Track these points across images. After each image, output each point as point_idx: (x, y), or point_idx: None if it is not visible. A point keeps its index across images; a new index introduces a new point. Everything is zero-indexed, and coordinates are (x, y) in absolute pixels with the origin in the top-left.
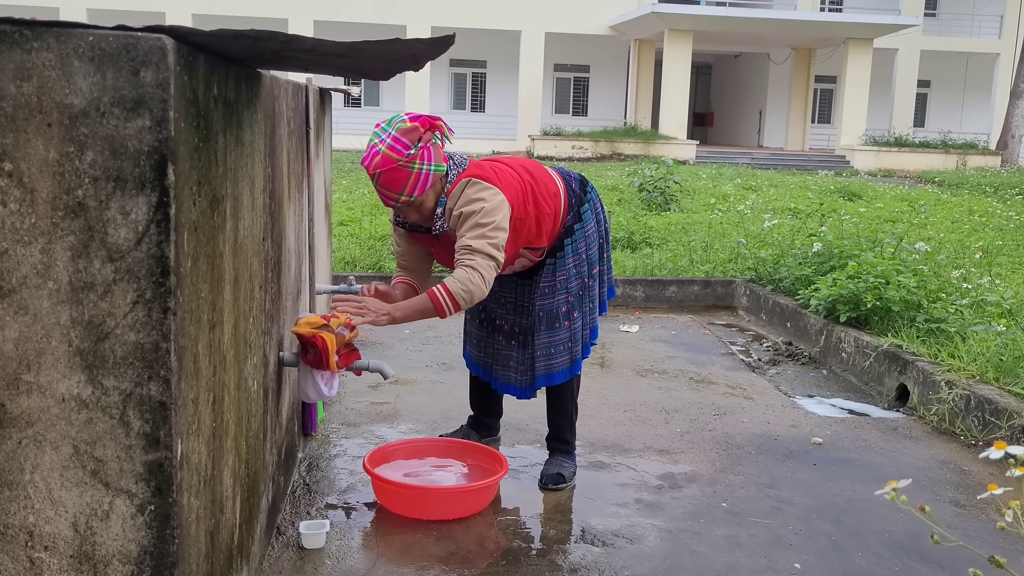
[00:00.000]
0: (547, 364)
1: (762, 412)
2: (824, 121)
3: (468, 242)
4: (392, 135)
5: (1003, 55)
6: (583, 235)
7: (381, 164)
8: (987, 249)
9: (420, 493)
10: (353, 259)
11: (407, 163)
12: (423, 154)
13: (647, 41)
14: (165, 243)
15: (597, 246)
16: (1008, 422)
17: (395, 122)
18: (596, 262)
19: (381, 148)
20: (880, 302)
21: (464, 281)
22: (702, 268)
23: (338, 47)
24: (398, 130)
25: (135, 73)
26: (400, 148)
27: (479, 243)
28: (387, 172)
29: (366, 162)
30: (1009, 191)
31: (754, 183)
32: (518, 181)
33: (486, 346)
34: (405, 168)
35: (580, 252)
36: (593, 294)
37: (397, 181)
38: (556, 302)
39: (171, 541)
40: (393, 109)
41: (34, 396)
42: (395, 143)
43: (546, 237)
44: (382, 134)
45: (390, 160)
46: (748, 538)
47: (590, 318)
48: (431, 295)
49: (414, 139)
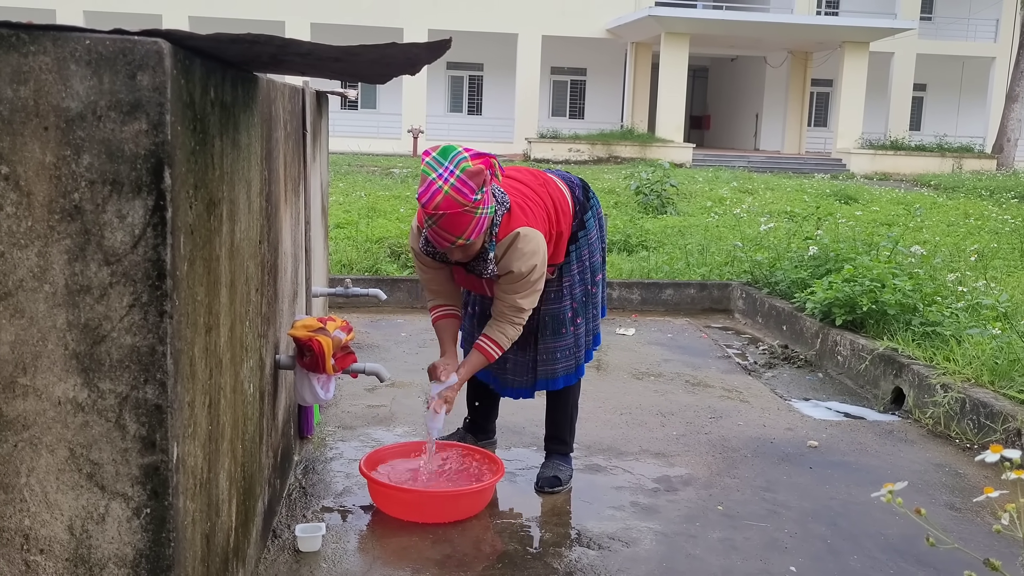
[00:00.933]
0: (551, 368)
1: (758, 415)
2: (820, 124)
3: (520, 303)
4: (458, 176)
5: (999, 59)
6: (586, 242)
7: (444, 206)
8: (982, 252)
9: (416, 496)
10: (350, 262)
11: (472, 208)
12: (485, 199)
13: (644, 44)
14: (161, 246)
15: (600, 253)
16: (1003, 425)
17: (457, 159)
18: (598, 269)
19: (444, 188)
20: (876, 305)
21: (511, 337)
22: (698, 271)
23: (335, 51)
24: (464, 171)
25: (132, 77)
26: (467, 192)
27: (528, 302)
28: (450, 215)
29: (425, 199)
30: (1005, 194)
31: (750, 186)
32: (544, 211)
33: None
34: (469, 213)
35: (584, 259)
36: (596, 300)
37: (458, 225)
38: (563, 307)
39: (167, 544)
40: (390, 112)
41: (30, 399)
42: (461, 185)
43: (561, 252)
44: (442, 171)
45: (455, 204)
46: (744, 541)
47: (593, 324)
48: (484, 353)
49: (479, 183)
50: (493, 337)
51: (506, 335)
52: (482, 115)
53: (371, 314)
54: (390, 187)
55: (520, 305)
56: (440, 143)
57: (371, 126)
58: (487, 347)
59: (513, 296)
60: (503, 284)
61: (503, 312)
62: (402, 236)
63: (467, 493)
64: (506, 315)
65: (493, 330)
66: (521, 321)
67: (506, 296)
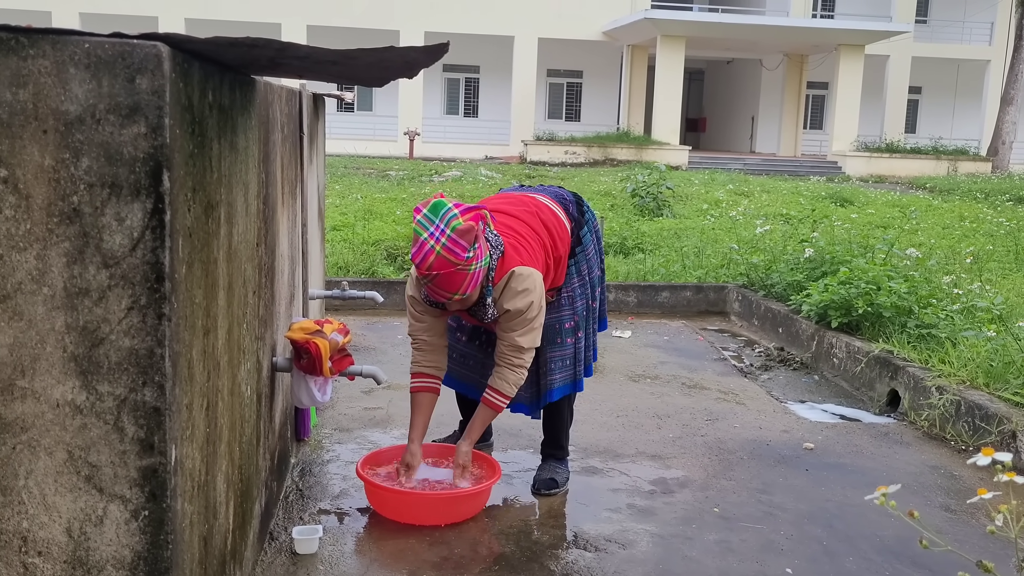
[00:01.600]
0: (547, 380)
1: (754, 417)
2: (816, 127)
3: (519, 342)
4: (449, 236)
5: (994, 61)
6: (584, 257)
7: (437, 266)
8: (978, 255)
9: (413, 498)
10: (346, 264)
11: (465, 266)
12: (479, 254)
13: (640, 47)
14: (160, 249)
15: (598, 268)
16: (998, 427)
17: (447, 217)
18: (597, 283)
19: (436, 248)
20: (871, 308)
21: (515, 383)
22: (695, 274)
23: (333, 55)
24: (454, 230)
25: (131, 80)
26: (459, 251)
27: (527, 340)
28: (444, 275)
29: (418, 260)
30: (1000, 197)
31: (746, 189)
32: (540, 243)
33: (477, 364)
34: (463, 271)
35: (583, 273)
36: (595, 315)
37: (453, 283)
38: (560, 317)
39: (165, 546)
40: (386, 114)
41: (28, 402)
42: (452, 245)
43: (562, 276)
44: (434, 230)
45: (447, 264)
46: (740, 543)
47: (592, 339)
48: (491, 406)
49: (471, 240)
50: (496, 388)
51: (508, 382)
52: (478, 117)
53: (368, 316)
54: (386, 189)
55: (519, 344)
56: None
57: (367, 128)
58: (493, 399)
59: (511, 335)
60: (502, 323)
61: (503, 354)
62: (399, 238)
63: (464, 495)
64: (506, 357)
65: (496, 380)
66: (522, 362)
67: (505, 335)
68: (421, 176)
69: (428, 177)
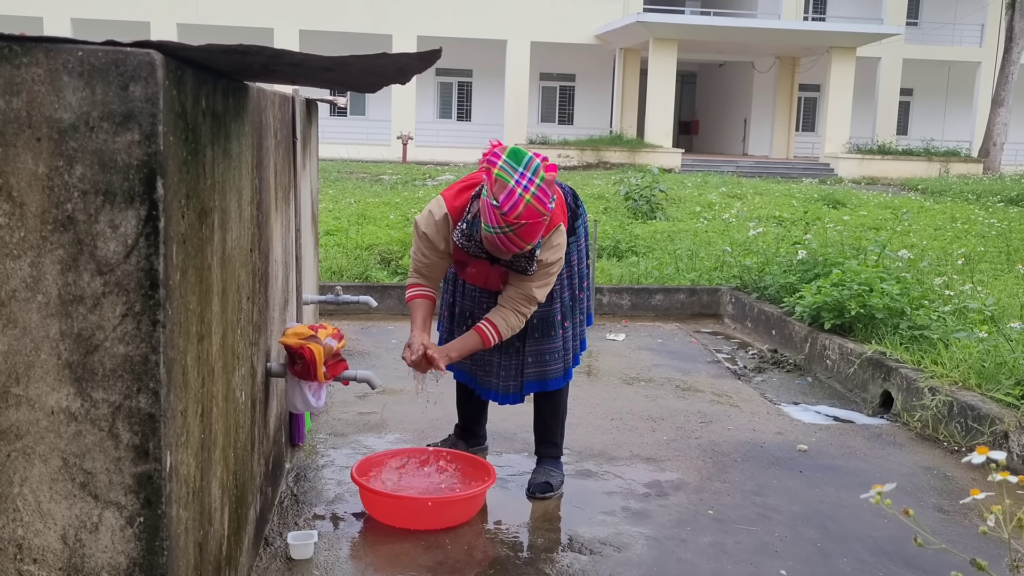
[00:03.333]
0: (540, 371)
1: (748, 419)
2: (808, 129)
3: (535, 293)
4: (538, 185)
5: (984, 63)
6: (576, 248)
7: (527, 215)
8: (969, 256)
9: (408, 503)
10: (340, 269)
11: (548, 216)
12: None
13: (632, 50)
14: (154, 256)
15: (586, 261)
16: (990, 428)
17: (534, 166)
18: (585, 276)
19: (527, 198)
20: (864, 309)
21: (514, 328)
22: (688, 276)
23: (326, 61)
24: (543, 180)
25: (124, 88)
26: (545, 201)
27: (541, 293)
28: (531, 225)
29: (508, 207)
30: (991, 198)
31: (739, 191)
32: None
33: (474, 356)
34: (544, 222)
35: (573, 264)
36: (583, 306)
37: (534, 233)
38: (552, 310)
39: (160, 553)
40: (379, 118)
41: (23, 409)
42: (542, 195)
43: None
44: (520, 178)
45: (536, 213)
46: (734, 545)
47: (580, 329)
48: (483, 335)
49: (553, 191)
50: (495, 322)
51: (508, 323)
52: (471, 121)
53: (361, 321)
54: (380, 194)
55: (533, 294)
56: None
57: (360, 132)
58: (486, 331)
59: (530, 284)
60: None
61: (512, 299)
62: (392, 242)
63: (459, 500)
64: (515, 302)
65: (496, 316)
66: (527, 312)
67: (522, 284)
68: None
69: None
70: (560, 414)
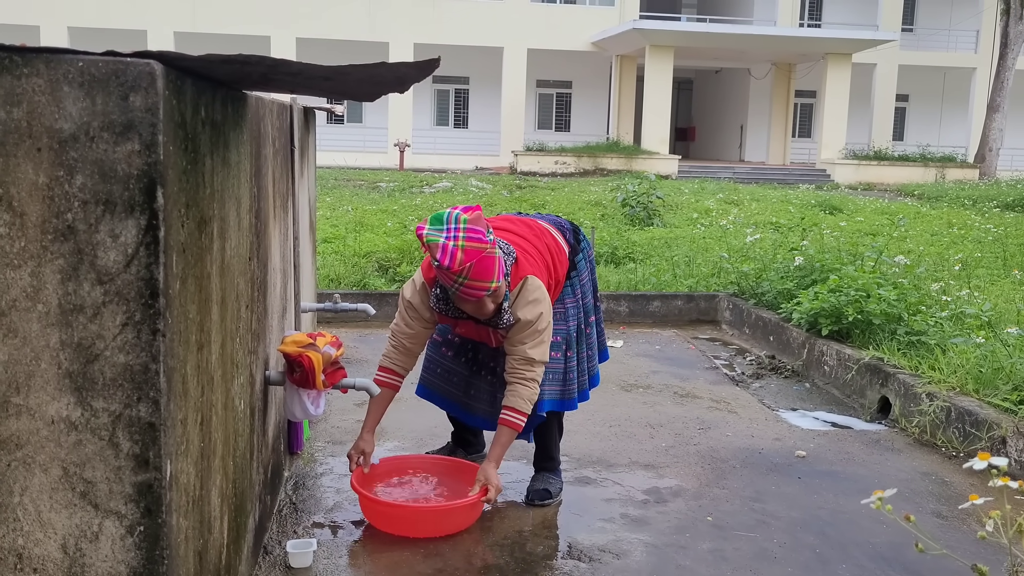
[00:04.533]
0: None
1: (746, 426)
2: (805, 135)
3: (531, 354)
4: (464, 228)
5: (979, 69)
6: (578, 283)
7: (467, 257)
8: (966, 261)
9: (407, 512)
10: (338, 276)
11: (492, 248)
12: (495, 240)
13: (629, 57)
14: (154, 265)
15: (591, 296)
16: (988, 433)
17: (452, 217)
18: (592, 311)
19: (460, 243)
20: (861, 315)
21: (529, 399)
22: (685, 283)
23: (324, 71)
24: (466, 223)
25: (124, 98)
26: (480, 236)
27: (538, 352)
28: (477, 263)
29: (447, 261)
30: (987, 203)
31: (736, 197)
32: (544, 261)
33: (461, 382)
34: (491, 255)
35: (577, 297)
36: (592, 341)
37: (487, 270)
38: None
39: (160, 562)
40: (376, 126)
41: (23, 418)
42: (472, 234)
43: (555, 295)
44: (447, 232)
45: (476, 251)
46: (733, 552)
47: (588, 364)
48: (511, 426)
49: (484, 226)
50: (512, 406)
51: (523, 398)
52: (468, 128)
53: (360, 329)
54: (377, 201)
55: (530, 356)
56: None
57: (357, 140)
58: (511, 419)
59: (522, 348)
60: (512, 337)
61: (515, 370)
62: (390, 250)
63: (458, 507)
64: (518, 372)
65: (510, 399)
66: (534, 376)
67: (515, 349)
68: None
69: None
70: (554, 434)
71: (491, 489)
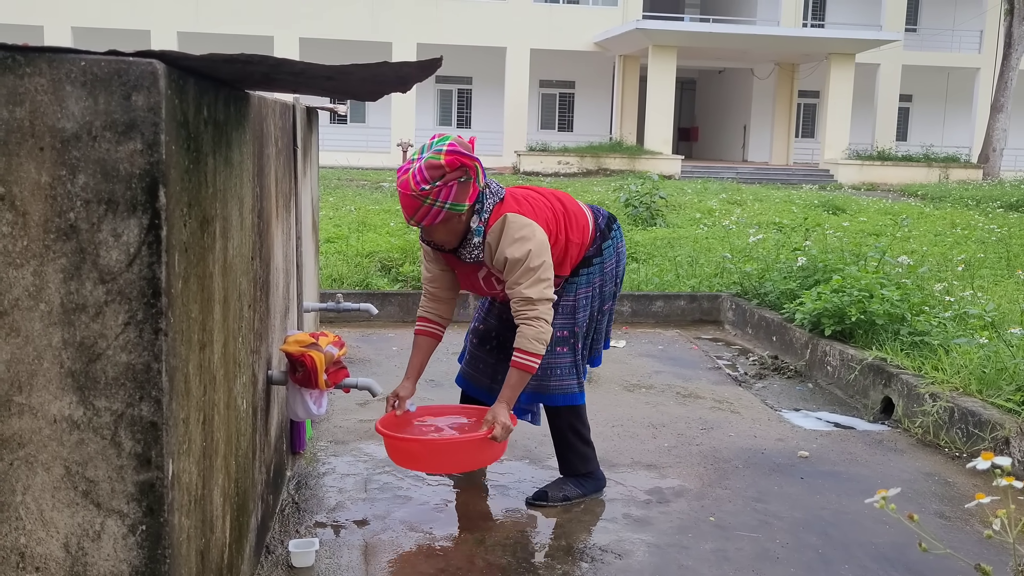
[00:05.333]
0: (544, 384)
1: (749, 426)
2: (808, 135)
3: (526, 293)
4: (423, 163)
5: (983, 69)
6: (600, 270)
7: (400, 186)
8: (969, 262)
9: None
10: (340, 276)
11: (419, 196)
12: (440, 192)
13: (632, 57)
14: (156, 265)
15: (612, 284)
16: (991, 434)
17: (434, 147)
18: (609, 298)
19: (412, 169)
20: (864, 315)
21: (536, 337)
22: (688, 283)
23: (327, 70)
24: (427, 161)
25: (127, 97)
26: (419, 180)
27: (535, 290)
28: (402, 195)
29: (400, 172)
30: (991, 204)
31: (739, 197)
32: (551, 210)
33: (488, 368)
34: (416, 199)
35: (595, 285)
36: (601, 328)
37: (408, 207)
38: (553, 325)
39: (162, 561)
40: (379, 126)
41: (25, 417)
42: (418, 173)
43: (568, 265)
44: (422, 154)
45: (407, 185)
46: (736, 552)
47: (594, 349)
48: (520, 367)
49: (435, 176)
50: (520, 348)
51: (528, 338)
52: (471, 128)
53: (362, 328)
54: (380, 201)
55: (527, 295)
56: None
57: (360, 140)
58: (521, 360)
59: (518, 288)
60: (506, 278)
61: (516, 312)
62: (392, 250)
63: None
64: (520, 313)
65: (519, 341)
66: (537, 314)
67: (513, 291)
68: None
69: None
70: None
71: (497, 427)
